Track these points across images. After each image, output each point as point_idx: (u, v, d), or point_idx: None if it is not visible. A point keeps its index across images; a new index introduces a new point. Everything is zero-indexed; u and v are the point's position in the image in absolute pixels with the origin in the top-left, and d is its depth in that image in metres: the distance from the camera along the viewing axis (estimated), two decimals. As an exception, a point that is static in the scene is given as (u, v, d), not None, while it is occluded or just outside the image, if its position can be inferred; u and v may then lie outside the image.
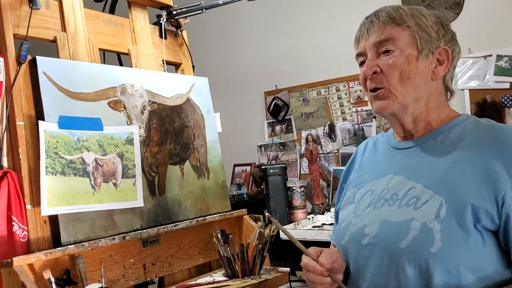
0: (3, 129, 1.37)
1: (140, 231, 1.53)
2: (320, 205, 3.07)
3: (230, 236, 1.67)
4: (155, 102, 1.74)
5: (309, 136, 3.29)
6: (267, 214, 1.13)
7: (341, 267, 1.03)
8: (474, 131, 0.98)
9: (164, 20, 1.95)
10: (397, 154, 1.07)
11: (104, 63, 1.78)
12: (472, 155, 0.93)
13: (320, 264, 0.99)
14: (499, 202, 0.87)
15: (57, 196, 1.37)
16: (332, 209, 2.67)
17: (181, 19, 1.99)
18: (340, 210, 1.16)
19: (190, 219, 1.72)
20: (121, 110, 1.62)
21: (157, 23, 1.96)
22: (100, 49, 1.71)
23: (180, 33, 2.03)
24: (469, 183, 0.90)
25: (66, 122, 1.45)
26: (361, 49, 1.05)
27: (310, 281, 1.03)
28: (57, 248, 1.33)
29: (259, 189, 3.26)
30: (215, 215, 1.81)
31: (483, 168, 0.90)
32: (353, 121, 3.19)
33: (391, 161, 1.08)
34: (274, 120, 3.52)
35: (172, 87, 1.84)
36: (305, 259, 1.03)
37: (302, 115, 3.42)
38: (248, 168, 3.65)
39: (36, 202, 1.36)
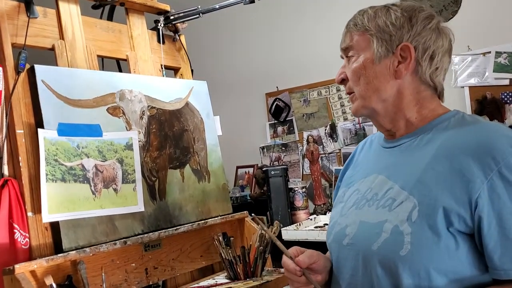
0: (3, 138, 1.39)
1: (141, 236, 1.54)
2: (322, 205, 3.08)
3: (232, 238, 1.68)
4: (154, 107, 1.75)
5: (309, 137, 3.30)
6: (253, 215, 1.16)
7: (323, 268, 1.04)
8: (457, 130, 0.93)
9: (162, 25, 1.96)
10: (383, 152, 1.06)
11: (103, 69, 1.79)
12: (450, 154, 0.88)
13: (296, 262, 1.01)
14: (472, 204, 0.83)
15: (57, 202, 1.39)
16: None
17: (178, 24, 2.00)
18: (333, 208, 1.18)
19: (191, 223, 1.73)
20: (120, 116, 1.63)
21: (155, 29, 1.97)
22: (98, 56, 1.72)
23: (178, 37, 2.04)
24: (443, 184, 0.86)
25: (65, 129, 1.46)
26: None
27: (288, 279, 1.06)
28: (59, 254, 1.34)
29: (262, 191, 3.27)
30: (216, 218, 1.82)
31: (459, 168, 0.85)
32: (354, 120, 3.19)
33: (378, 160, 1.08)
34: (275, 121, 3.53)
35: (171, 92, 1.85)
36: (284, 258, 1.05)
37: (304, 115, 3.42)
38: (251, 170, 3.65)
39: (37, 209, 1.37)
